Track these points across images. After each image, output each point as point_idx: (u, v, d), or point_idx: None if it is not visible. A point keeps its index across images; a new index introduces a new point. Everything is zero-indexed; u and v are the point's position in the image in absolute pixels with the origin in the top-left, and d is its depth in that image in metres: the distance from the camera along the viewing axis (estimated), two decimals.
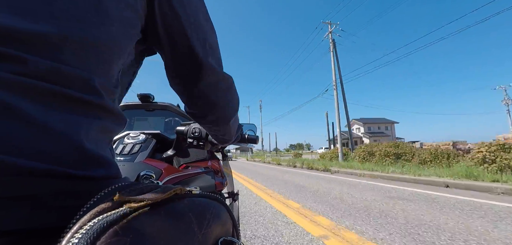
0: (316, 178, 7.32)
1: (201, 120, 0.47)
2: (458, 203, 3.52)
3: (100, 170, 0.24)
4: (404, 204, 3.50)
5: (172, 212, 0.22)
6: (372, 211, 3.16)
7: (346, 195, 4.33)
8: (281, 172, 10.24)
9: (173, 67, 0.39)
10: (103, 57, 0.26)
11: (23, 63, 0.20)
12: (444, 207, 3.30)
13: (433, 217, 2.82)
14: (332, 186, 5.50)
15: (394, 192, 4.53)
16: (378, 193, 4.46)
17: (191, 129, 0.76)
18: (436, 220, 2.70)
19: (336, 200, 3.95)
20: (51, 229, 0.19)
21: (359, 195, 4.29)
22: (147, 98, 1.11)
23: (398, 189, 4.89)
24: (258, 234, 2.42)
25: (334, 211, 3.21)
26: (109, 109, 0.26)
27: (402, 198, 3.98)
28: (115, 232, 0.16)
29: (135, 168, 0.57)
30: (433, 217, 2.82)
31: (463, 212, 3.00)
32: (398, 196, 4.17)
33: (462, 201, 3.66)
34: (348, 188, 5.15)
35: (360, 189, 5.05)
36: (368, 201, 3.80)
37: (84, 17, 0.24)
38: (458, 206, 3.31)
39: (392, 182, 5.99)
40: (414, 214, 2.99)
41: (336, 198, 4.11)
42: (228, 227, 0.30)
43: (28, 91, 0.20)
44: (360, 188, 5.19)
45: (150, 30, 0.34)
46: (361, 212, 3.15)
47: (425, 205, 3.42)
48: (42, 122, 0.20)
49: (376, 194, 4.41)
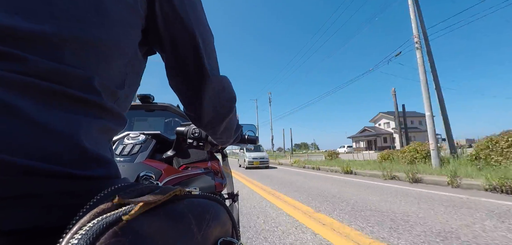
0: (465, 208, 3.19)
1: (199, 121, 0.48)
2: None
3: (100, 170, 0.24)
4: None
5: (171, 213, 0.22)
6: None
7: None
8: (343, 184, 5.83)
9: (173, 68, 0.39)
10: (104, 57, 0.26)
11: (23, 62, 0.20)
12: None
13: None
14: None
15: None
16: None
17: (191, 130, 0.76)
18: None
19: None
20: (51, 229, 0.19)
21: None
22: (147, 99, 1.12)
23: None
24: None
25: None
26: (109, 109, 0.27)
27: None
28: (114, 233, 0.16)
29: (135, 169, 0.57)
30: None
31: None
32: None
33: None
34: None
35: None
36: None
37: (84, 17, 0.24)
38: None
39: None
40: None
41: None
42: (228, 228, 0.30)
43: (28, 90, 0.20)
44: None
45: (151, 31, 0.35)
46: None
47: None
48: (42, 121, 0.20)
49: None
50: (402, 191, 4.71)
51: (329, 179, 7.06)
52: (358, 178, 7.17)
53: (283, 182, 6.71)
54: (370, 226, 2.61)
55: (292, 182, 6.66)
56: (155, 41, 0.37)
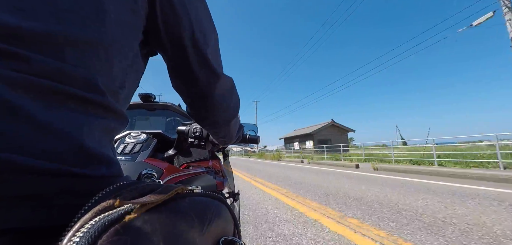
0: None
1: (202, 121, 0.47)
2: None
3: (102, 168, 0.24)
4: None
5: (173, 211, 0.22)
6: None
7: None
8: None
9: (174, 69, 0.39)
10: (105, 57, 0.26)
11: (25, 61, 0.20)
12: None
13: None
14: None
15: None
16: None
17: (192, 129, 0.76)
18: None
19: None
20: (53, 228, 0.19)
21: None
22: (149, 98, 1.12)
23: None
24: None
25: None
26: (111, 108, 0.27)
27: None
28: (116, 231, 0.16)
29: (137, 168, 0.57)
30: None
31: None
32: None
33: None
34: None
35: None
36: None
37: (85, 17, 0.24)
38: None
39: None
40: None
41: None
42: (230, 227, 0.30)
43: (30, 89, 0.20)
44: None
45: (151, 31, 0.34)
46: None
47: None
48: (45, 120, 0.20)
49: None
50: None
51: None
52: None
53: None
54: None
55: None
56: (156, 42, 0.36)
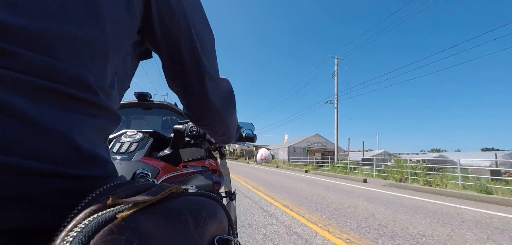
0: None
1: (199, 122, 0.47)
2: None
3: (95, 169, 0.24)
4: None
5: (168, 211, 0.22)
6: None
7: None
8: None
9: (170, 69, 0.39)
10: (97, 56, 0.26)
11: (16, 58, 0.20)
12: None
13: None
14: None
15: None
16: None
17: (188, 128, 0.76)
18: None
19: None
20: (46, 229, 0.19)
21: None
22: (145, 97, 1.11)
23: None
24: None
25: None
26: (104, 107, 0.26)
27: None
28: (110, 230, 0.16)
29: (132, 167, 0.57)
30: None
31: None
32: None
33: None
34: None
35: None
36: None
37: (77, 15, 0.24)
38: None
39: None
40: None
41: None
42: (224, 226, 0.30)
43: (21, 86, 0.20)
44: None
45: (147, 31, 0.34)
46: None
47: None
48: (36, 119, 0.20)
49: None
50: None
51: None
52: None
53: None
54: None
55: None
56: (151, 43, 0.36)
